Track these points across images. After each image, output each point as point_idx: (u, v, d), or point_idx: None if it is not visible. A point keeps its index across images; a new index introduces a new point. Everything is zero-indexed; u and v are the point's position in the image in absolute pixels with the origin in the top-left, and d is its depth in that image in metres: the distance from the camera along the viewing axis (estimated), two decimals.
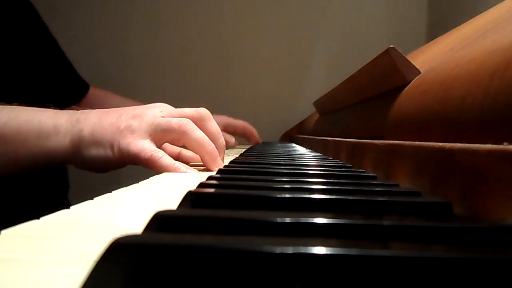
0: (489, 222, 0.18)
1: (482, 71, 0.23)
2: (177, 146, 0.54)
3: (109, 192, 0.28)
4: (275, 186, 0.28)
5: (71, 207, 0.23)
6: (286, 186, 0.28)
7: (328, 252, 0.12)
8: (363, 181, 0.32)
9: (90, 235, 0.18)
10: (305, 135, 1.07)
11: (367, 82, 0.50)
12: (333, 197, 0.22)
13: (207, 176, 0.33)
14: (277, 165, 0.43)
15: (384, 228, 0.16)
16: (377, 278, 0.11)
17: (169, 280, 0.11)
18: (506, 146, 0.18)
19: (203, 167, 0.47)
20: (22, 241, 0.16)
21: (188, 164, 0.47)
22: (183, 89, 1.36)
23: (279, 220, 0.16)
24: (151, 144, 0.45)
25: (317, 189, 0.27)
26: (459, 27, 0.50)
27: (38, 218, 0.19)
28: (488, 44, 0.26)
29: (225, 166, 0.43)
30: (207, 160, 0.46)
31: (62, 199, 0.82)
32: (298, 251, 0.12)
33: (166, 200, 0.26)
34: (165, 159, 0.44)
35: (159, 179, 0.37)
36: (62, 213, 0.21)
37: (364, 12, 1.38)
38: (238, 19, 1.40)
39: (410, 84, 0.37)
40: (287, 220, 0.16)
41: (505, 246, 0.16)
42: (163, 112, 0.47)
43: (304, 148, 0.88)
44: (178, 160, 0.46)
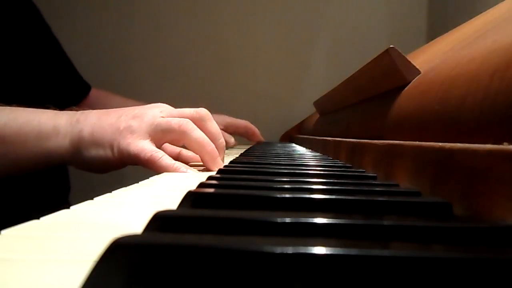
0: (489, 222, 0.18)
1: (482, 71, 0.23)
2: (177, 146, 0.54)
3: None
4: (275, 186, 0.28)
5: (71, 207, 0.23)
6: (286, 186, 0.28)
7: (328, 252, 0.12)
8: (363, 181, 0.32)
9: (90, 235, 0.18)
10: (305, 135, 1.07)
11: (367, 82, 0.50)
12: (333, 197, 0.22)
13: (207, 176, 0.33)
14: (277, 165, 0.43)
15: (384, 228, 0.16)
16: (377, 278, 0.11)
17: (169, 280, 0.12)
18: (506, 146, 0.18)
19: (203, 167, 0.47)
20: (22, 241, 0.16)
21: (188, 164, 0.47)
22: (183, 89, 1.36)
23: (279, 220, 0.16)
24: (151, 145, 0.45)
25: (317, 189, 0.27)
26: (459, 27, 0.50)
27: (38, 219, 0.19)
28: (488, 44, 0.26)
29: (225, 166, 0.43)
30: (207, 160, 0.46)
31: (63, 201, 0.82)
32: (298, 251, 0.12)
33: (166, 200, 0.26)
34: (165, 159, 0.44)
35: (159, 179, 0.37)
36: (62, 213, 0.21)
37: (364, 12, 1.38)
38: (238, 20, 1.40)
39: (410, 84, 0.37)
40: (287, 220, 0.16)
41: (505, 246, 0.16)
42: (163, 113, 0.47)
43: (304, 148, 0.88)
44: (178, 160, 0.46)
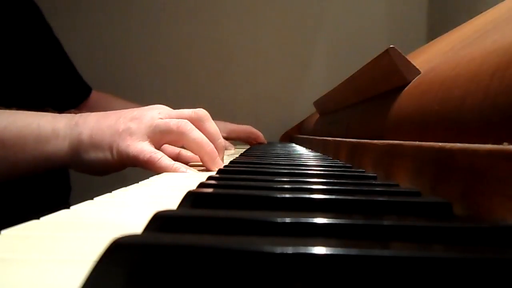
0: (489, 222, 0.18)
1: (482, 71, 0.23)
2: (177, 147, 0.54)
3: None
4: (275, 186, 0.28)
5: (71, 207, 0.23)
6: (286, 186, 0.28)
7: (328, 252, 0.12)
8: (363, 181, 0.32)
9: (90, 235, 0.18)
10: (305, 135, 1.07)
11: (367, 82, 0.50)
12: (333, 197, 0.22)
13: (207, 176, 0.33)
14: (277, 165, 0.43)
15: (384, 228, 0.16)
16: (377, 278, 0.11)
17: (169, 280, 0.11)
18: (506, 146, 0.18)
19: (203, 167, 0.47)
20: (22, 241, 0.16)
21: (188, 164, 0.47)
22: (183, 90, 1.36)
23: (279, 220, 0.16)
24: (150, 146, 0.45)
25: (317, 189, 0.27)
26: (459, 27, 0.50)
27: (38, 219, 0.19)
28: (488, 44, 0.26)
29: (225, 166, 0.43)
30: (207, 161, 0.46)
31: (64, 201, 0.82)
32: (298, 251, 0.12)
33: (166, 200, 0.26)
34: (164, 160, 0.44)
35: (159, 179, 0.37)
36: (62, 213, 0.21)
37: (364, 12, 1.38)
38: (239, 20, 1.40)
39: (410, 84, 0.37)
40: (287, 220, 0.16)
41: (505, 246, 0.16)
42: (161, 114, 0.47)
43: (304, 148, 0.88)
44: (178, 161, 0.46)
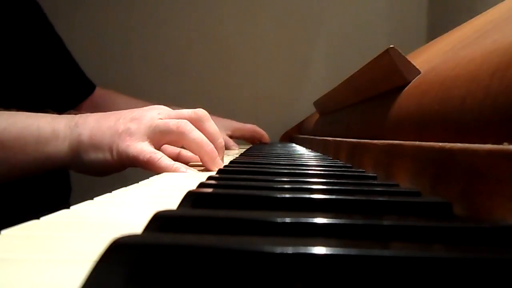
0: (489, 222, 0.18)
1: (482, 71, 0.23)
2: (177, 147, 0.54)
3: None
4: (275, 186, 0.28)
5: (71, 207, 0.23)
6: (286, 186, 0.28)
7: (328, 252, 0.12)
8: (363, 181, 0.32)
9: (90, 235, 0.18)
10: (305, 135, 1.07)
11: (367, 82, 0.50)
12: (333, 197, 0.22)
13: (207, 176, 0.33)
14: (277, 165, 0.43)
15: (384, 228, 0.16)
16: (377, 278, 0.11)
17: (169, 280, 0.11)
18: (506, 146, 0.18)
19: (203, 167, 0.47)
20: (22, 241, 0.16)
21: (188, 164, 0.47)
22: (183, 89, 1.36)
23: (279, 220, 0.16)
24: (150, 146, 0.45)
25: (317, 189, 0.27)
26: (459, 27, 0.50)
27: (38, 218, 0.19)
28: (488, 44, 0.26)
29: (225, 166, 0.43)
30: (207, 161, 0.46)
31: (64, 202, 0.82)
32: (298, 251, 0.12)
33: (166, 200, 0.26)
34: (164, 160, 0.44)
35: (159, 179, 0.37)
36: (62, 213, 0.21)
37: (364, 12, 1.38)
38: (238, 19, 1.40)
39: (410, 84, 0.37)
40: (287, 220, 0.16)
41: (505, 246, 0.16)
42: (161, 114, 0.47)
43: (304, 148, 0.88)
44: (178, 161, 0.46)
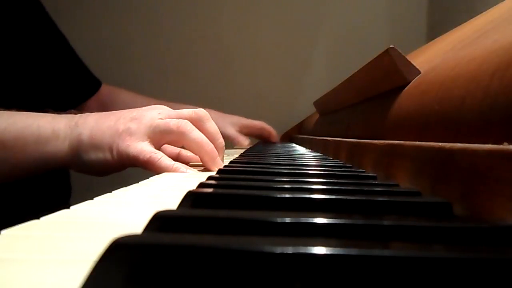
0: (489, 222, 0.18)
1: (482, 71, 0.23)
2: (177, 147, 0.54)
3: None
4: (275, 186, 0.28)
5: (71, 207, 0.23)
6: (286, 186, 0.28)
7: (328, 252, 0.12)
8: (363, 181, 0.32)
9: (90, 235, 0.18)
10: (305, 135, 1.07)
11: (367, 82, 0.50)
12: (333, 197, 0.22)
13: (207, 176, 0.33)
14: (277, 165, 0.43)
15: (384, 228, 0.16)
16: (377, 278, 0.11)
17: (169, 280, 0.11)
18: (506, 146, 0.18)
19: (203, 167, 0.47)
20: (22, 241, 0.16)
21: (188, 164, 0.47)
22: (184, 89, 1.36)
23: (279, 220, 0.16)
24: (150, 146, 0.45)
25: (317, 189, 0.27)
26: (459, 27, 0.50)
27: (38, 218, 0.19)
28: (488, 44, 0.26)
29: (225, 166, 0.43)
30: (207, 161, 0.46)
31: (65, 202, 0.82)
32: (298, 251, 0.12)
33: (166, 200, 0.26)
34: (164, 160, 0.44)
35: (159, 179, 0.37)
36: (62, 213, 0.21)
37: (364, 12, 1.38)
38: (239, 19, 1.40)
39: (410, 84, 0.37)
40: (287, 220, 0.16)
41: (505, 246, 0.16)
42: (161, 114, 0.47)
43: (304, 148, 0.88)
44: (178, 161, 0.46)
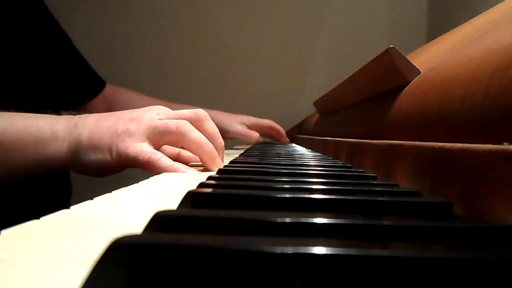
0: (489, 222, 0.18)
1: (482, 71, 0.23)
2: (176, 147, 0.54)
3: None
4: (275, 186, 0.28)
5: (71, 207, 0.23)
6: (286, 186, 0.28)
7: (328, 252, 0.12)
8: (363, 181, 0.32)
9: (90, 235, 0.18)
10: (305, 135, 1.07)
11: (367, 82, 0.50)
12: (333, 197, 0.22)
13: (207, 176, 0.33)
14: (277, 165, 0.43)
15: (384, 228, 0.16)
16: (377, 278, 0.11)
17: (169, 280, 0.11)
18: (506, 146, 0.18)
19: (203, 167, 0.47)
20: (22, 241, 0.16)
21: (188, 165, 0.47)
22: (183, 90, 1.36)
23: (279, 220, 0.16)
24: (149, 147, 0.45)
25: (317, 189, 0.27)
26: (459, 27, 0.50)
27: (38, 218, 0.19)
28: (488, 44, 0.26)
29: (225, 166, 0.43)
30: (206, 161, 0.46)
31: (65, 203, 0.82)
32: (298, 251, 0.12)
33: (166, 200, 0.26)
34: (164, 161, 0.44)
35: (159, 179, 0.37)
36: (62, 213, 0.21)
37: (364, 12, 1.38)
38: (239, 20, 1.40)
39: (410, 84, 0.37)
40: (287, 220, 0.16)
41: (505, 246, 0.16)
42: (161, 115, 0.47)
43: (304, 148, 0.88)
44: (178, 161, 0.46)
